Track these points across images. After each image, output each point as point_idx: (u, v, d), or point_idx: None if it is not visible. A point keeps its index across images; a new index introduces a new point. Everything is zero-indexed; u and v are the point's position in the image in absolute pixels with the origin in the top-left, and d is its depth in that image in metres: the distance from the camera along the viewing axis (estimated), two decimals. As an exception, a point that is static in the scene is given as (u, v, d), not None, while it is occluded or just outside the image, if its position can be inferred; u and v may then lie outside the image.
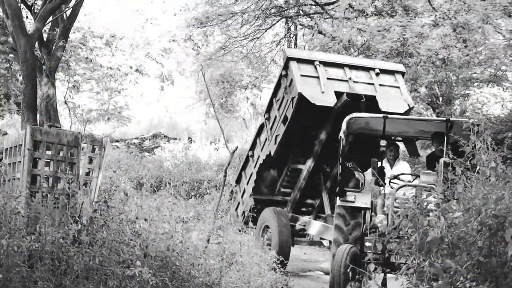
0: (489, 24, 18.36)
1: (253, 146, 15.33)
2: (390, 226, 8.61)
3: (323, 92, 12.89)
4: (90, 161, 11.63)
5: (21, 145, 10.22)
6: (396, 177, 11.43)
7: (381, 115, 11.31)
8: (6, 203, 8.45)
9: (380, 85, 13.44)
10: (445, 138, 10.80)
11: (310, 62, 13.44)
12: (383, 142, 11.21)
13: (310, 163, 14.53)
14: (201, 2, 24.69)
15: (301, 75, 13.17)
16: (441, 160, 10.03)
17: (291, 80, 13.30)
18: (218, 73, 29.48)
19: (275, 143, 14.03)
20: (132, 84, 34.20)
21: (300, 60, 13.44)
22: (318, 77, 13.14)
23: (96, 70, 32.77)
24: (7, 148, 10.81)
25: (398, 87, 13.56)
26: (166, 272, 9.77)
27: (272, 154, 14.19)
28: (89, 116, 29.77)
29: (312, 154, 14.38)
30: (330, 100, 12.97)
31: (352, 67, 13.59)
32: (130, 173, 21.26)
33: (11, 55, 29.27)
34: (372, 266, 7.43)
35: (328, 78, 13.21)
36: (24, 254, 7.95)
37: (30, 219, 9.16)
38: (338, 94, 13.05)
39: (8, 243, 7.65)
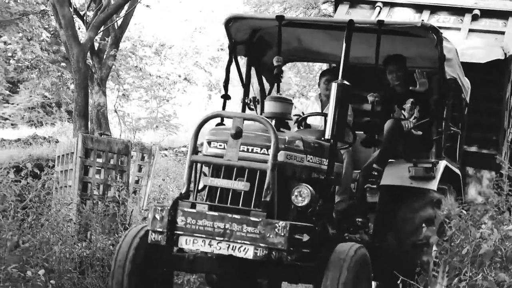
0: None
1: None
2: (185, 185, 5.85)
3: None
4: (140, 169, 11.75)
5: (72, 153, 10.37)
6: (304, 119, 7.64)
7: (273, 16, 7.26)
8: (59, 210, 8.58)
9: (471, 30, 10.41)
10: (345, 40, 6.49)
11: (371, 3, 10.71)
12: (276, 60, 6.99)
13: None
14: (250, 11, 24.75)
15: None
16: (334, 84, 6.30)
17: None
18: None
19: None
20: (181, 92, 34.53)
21: (356, 2, 10.70)
22: None
23: (145, 79, 33.17)
24: (59, 156, 10.99)
25: (503, 33, 10.32)
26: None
27: None
28: (138, 124, 30.10)
29: None
30: None
31: (438, 8, 10.66)
32: (178, 181, 21.35)
33: (63, 64, 29.79)
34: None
35: None
36: (75, 261, 8.06)
37: (81, 226, 9.29)
38: None
39: (60, 250, 7.77)
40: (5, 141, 21.95)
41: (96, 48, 21.51)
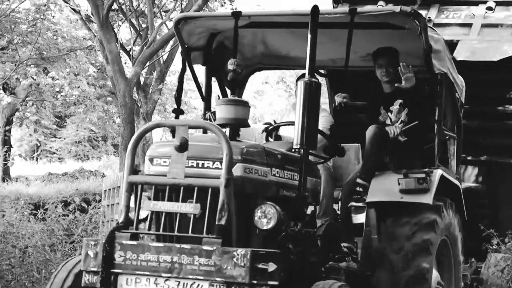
0: None
1: None
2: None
3: None
4: (185, 202, 11.77)
5: (119, 187, 10.46)
6: (273, 129, 6.49)
7: (229, 12, 6.16)
8: (105, 244, 8.62)
9: (484, 25, 9.23)
10: (310, 30, 5.14)
11: (372, 2, 9.64)
12: (231, 63, 5.47)
13: None
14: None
15: None
16: (299, 83, 5.13)
17: None
18: (310, 115, 29.61)
19: None
20: (225, 125, 34.75)
21: (356, 2, 9.66)
22: None
23: (190, 112, 33.43)
24: (105, 190, 11.10)
25: None
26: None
27: None
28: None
29: None
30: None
31: (447, 3, 9.58)
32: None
33: (109, 98, 30.22)
34: None
35: None
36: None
37: (128, 260, 9.30)
38: None
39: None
40: (52, 175, 22.28)
41: (142, 83, 21.80)
